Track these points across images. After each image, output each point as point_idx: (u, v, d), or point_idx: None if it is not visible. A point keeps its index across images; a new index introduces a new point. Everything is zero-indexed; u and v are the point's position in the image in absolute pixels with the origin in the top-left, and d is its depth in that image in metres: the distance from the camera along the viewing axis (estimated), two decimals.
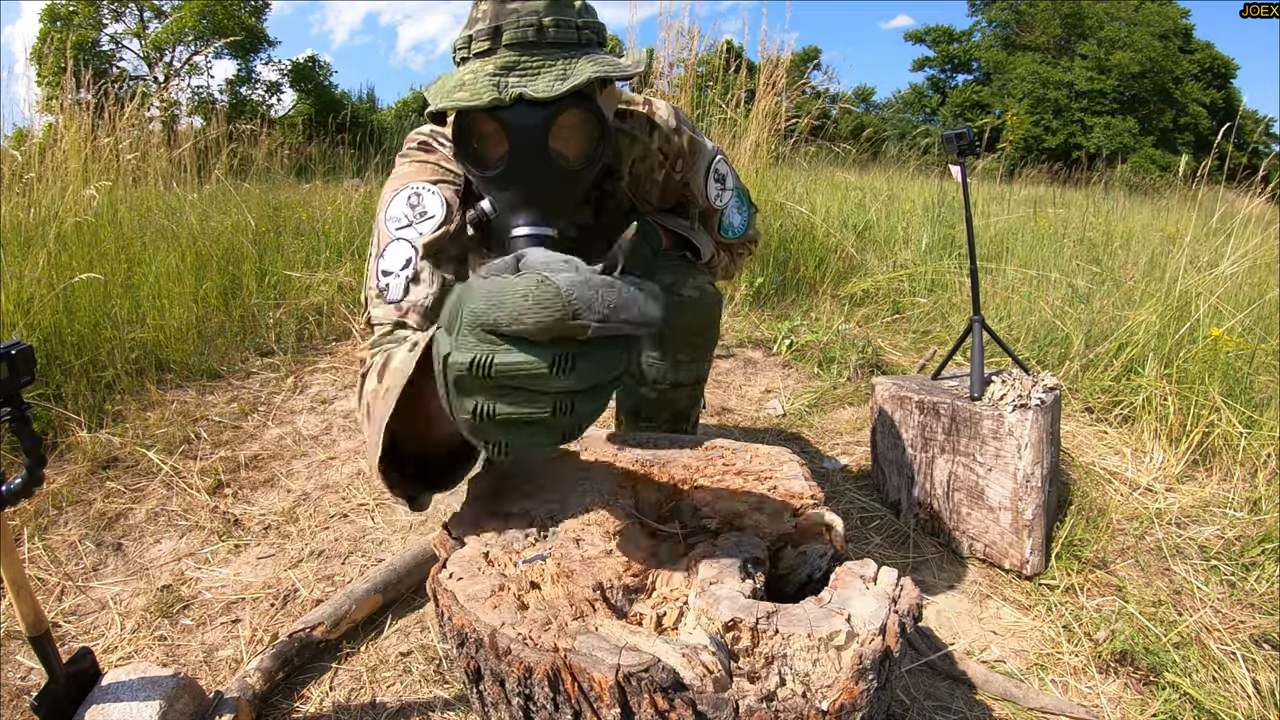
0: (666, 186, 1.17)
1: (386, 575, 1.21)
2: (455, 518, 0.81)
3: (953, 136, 1.55)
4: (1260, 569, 1.35)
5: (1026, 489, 1.33)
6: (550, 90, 0.78)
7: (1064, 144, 21.91)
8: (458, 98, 0.79)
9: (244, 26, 16.72)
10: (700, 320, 1.20)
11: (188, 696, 0.86)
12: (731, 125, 3.62)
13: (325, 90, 17.78)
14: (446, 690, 1.04)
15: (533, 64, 0.81)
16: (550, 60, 0.81)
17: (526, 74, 0.80)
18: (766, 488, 0.86)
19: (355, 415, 0.85)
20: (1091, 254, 3.56)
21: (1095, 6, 23.75)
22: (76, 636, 1.14)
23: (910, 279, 3.39)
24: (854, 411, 2.20)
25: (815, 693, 0.58)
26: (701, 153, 1.17)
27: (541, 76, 0.80)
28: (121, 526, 1.46)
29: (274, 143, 4.51)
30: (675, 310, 1.16)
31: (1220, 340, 1.92)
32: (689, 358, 1.23)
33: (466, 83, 0.81)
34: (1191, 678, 1.08)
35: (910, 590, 0.67)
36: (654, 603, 0.68)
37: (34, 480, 0.74)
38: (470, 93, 0.79)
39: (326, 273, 3.15)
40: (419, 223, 0.95)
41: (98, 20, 15.67)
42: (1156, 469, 1.78)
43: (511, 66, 0.81)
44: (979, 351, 1.47)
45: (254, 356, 2.48)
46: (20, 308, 1.97)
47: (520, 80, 0.80)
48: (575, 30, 0.83)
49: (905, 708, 1.03)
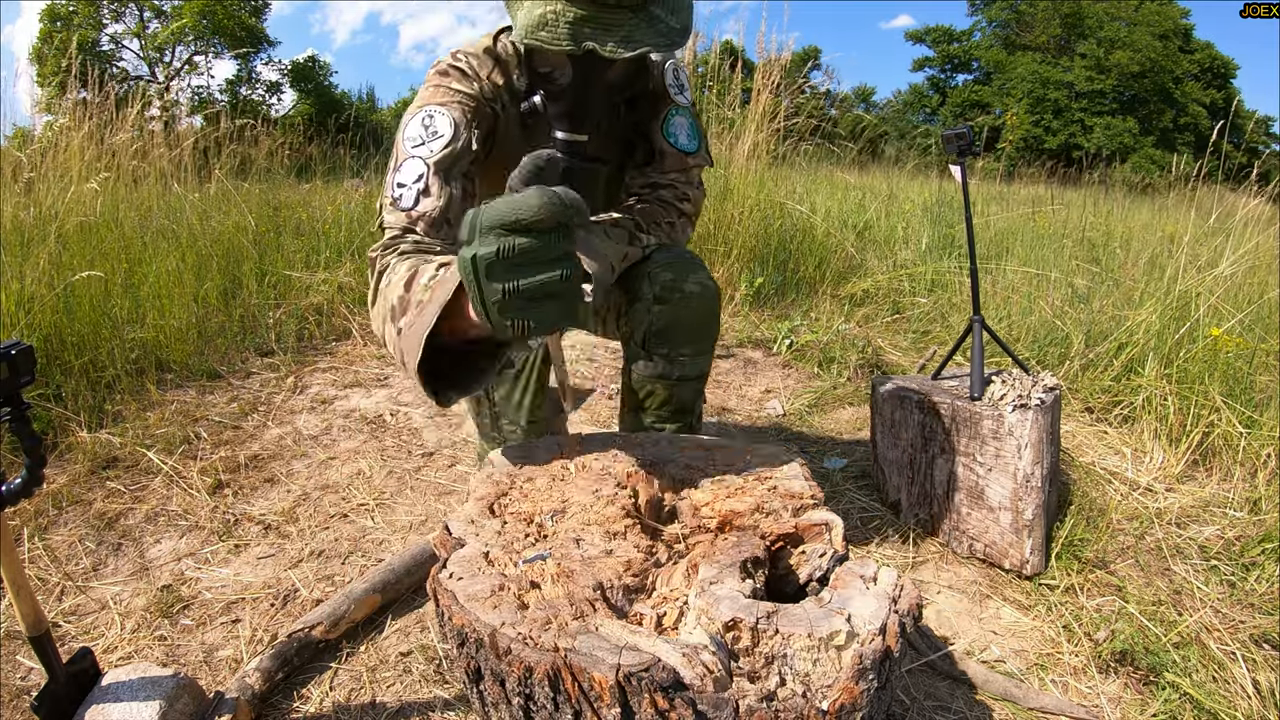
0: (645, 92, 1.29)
1: (386, 575, 1.21)
2: (456, 517, 0.81)
3: (953, 136, 1.55)
4: (1260, 569, 1.35)
5: (1026, 489, 1.33)
6: (615, 52, 0.94)
7: (1064, 144, 21.90)
8: (541, 36, 0.94)
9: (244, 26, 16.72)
10: (702, 315, 1.24)
11: (188, 696, 0.86)
12: (730, 125, 3.63)
13: (325, 90, 17.78)
14: (446, 690, 1.04)
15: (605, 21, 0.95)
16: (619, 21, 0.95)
17: (599, 29, 0.94)
18: (766, 488, 0.86)
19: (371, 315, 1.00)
20: (1091, 254, 3.56)
21: (1095, 6, 23.75)
22: (76, 636, 1.14)
23: (910, 279, 3.39)
24: (854, 411, 2.20)
25: (815, 692, 0.58)
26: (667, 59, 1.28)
27: (611, 35, 0.94)
28: (121, 526, 1.46)
29: (274, 143, 4.50)
30: (678, 305, 1.21)
31: (1220, 340, 1.92)
32: (693, 351, 1.26)
33: (549, 23, 0.95)
34: (1191, 678, 1.08)
35: (910, 590, 0.67)
36: (654, 603, 0.68)
37: (34, 480, 0.74)
38: (551, 35, 0.94)
39: (326, 273, 3.15)
40: (430, 141, 1.08)
41: (98, 20, 15.66)
42: (1156, 469, 1.78)
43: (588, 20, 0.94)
44: (979, 351, 1.47)
45: (254, 356, 2.48)
46: (21, 307, 1.97)
47: (593, 34, 0.94)
48: None
49: (905, 708, 1.03)
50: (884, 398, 1.55)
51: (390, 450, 1.85)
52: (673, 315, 1.21)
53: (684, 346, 1.25)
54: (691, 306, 1.22)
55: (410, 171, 1.07)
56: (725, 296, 3.26)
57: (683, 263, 1.23)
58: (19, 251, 2.20)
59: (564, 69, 1.06)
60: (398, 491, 1.64)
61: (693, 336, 1.25)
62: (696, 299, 1.22)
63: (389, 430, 1.98)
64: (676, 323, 1.22)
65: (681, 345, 1.25)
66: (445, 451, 1.86)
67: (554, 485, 0.88)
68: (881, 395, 1.56)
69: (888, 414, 1.55)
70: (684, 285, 1.21)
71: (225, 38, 16.74)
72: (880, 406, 1.57)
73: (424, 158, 1.07)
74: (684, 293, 1.21)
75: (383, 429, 1.98)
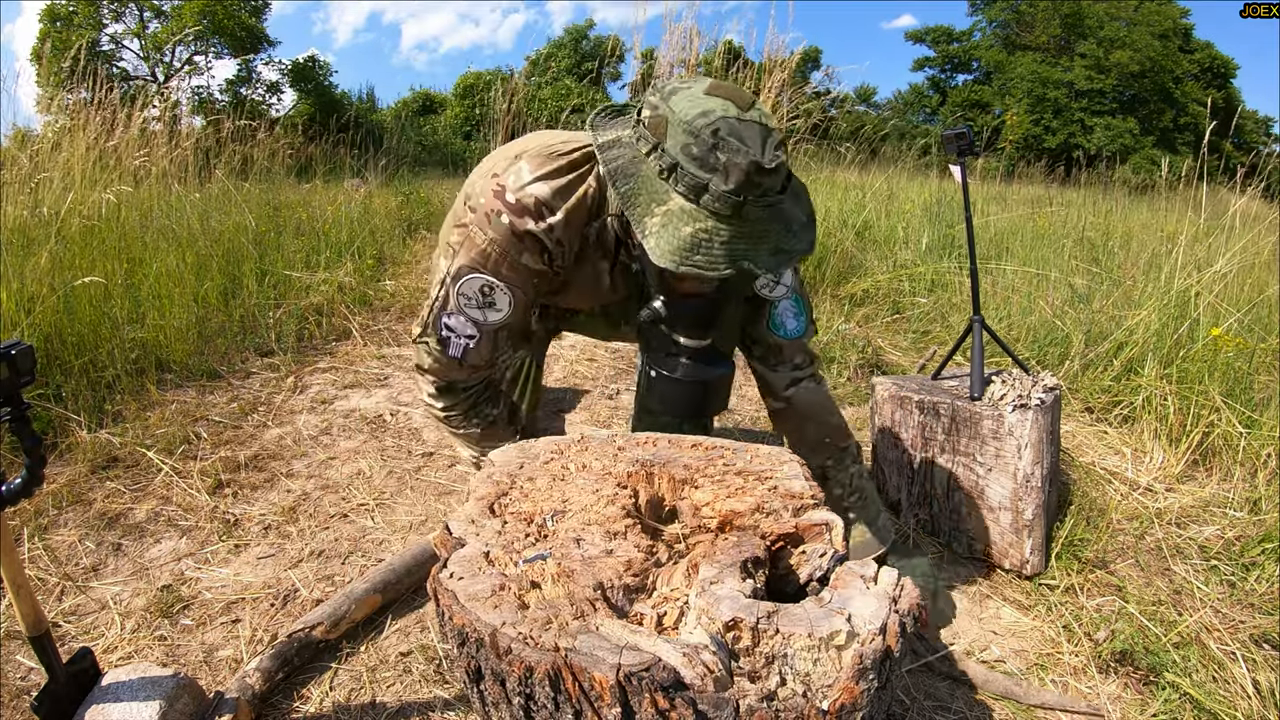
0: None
1: (386, 575, 1.21)
2: (456, 517, 0.81)
3: (952, 136, 1.55)
4: (1260, 569, 1.35)
5: (1026, 489, 1.33)
6: (770, 268, 0.89)
7: (1064, 144, 21.89)
8: (697, 262, 0.87)
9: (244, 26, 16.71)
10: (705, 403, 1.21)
11: (188, 696, 0.86)
12: None
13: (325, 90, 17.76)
14: (446, 690, 1.04)
15: (756, 233, 0.88)
16: (770, 230, 0.89)
17: (750, 244, 0.88)
18: (767, 488, 0.86)
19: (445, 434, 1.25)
20: (1091, 254, 3.56)
21: (1095, 6, 23.73)
22: (76, 636, 1.14)
23: (910, 279, 3.39)
24: (854, 411, 2.20)
25: (816, 692, 0.58)
26: None
27: (761, 247, 0.88)
28: (121, 526, 1.46)
29: (275, 142, 4.51)
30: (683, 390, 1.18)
31: (1220, 340, 1.92)
32: (693, 426, 1.24)
33: (702, 245, 0.87)
34: (1191, 678, 1.08)
35: (910, 590, 0.67)
36: (654, 602, 0.68)
37: (34, 480, 0.74)
38: (708, 260, 0.86)
39: (326, 273, 3.15)
40: (488, 310, 1.07)
41: (98, 20, 15.65)
42: (1156, 469, 1.78)
43: (740, 236, 0.87)
44: (979, 351, 1.47)
45: (254, 356, 2.47)
46: (22, 307, 1.97)
47: (747, 251, 0.87)
48: (784, 185, 0.91)
49: (905, 708, 1.03)
50: (884, 398, 1.55)
51: (390, 450, 1.85)
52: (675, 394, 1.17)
53: (685, 422, 1.22)
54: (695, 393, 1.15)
55: (463, 326, 1.08)
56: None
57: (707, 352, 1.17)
58: (20, 251, 2.20)
59: (710, 284, 1.00)
60: (398, 491, 1.64)
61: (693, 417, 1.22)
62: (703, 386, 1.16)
63: (389, 430, 1.98)
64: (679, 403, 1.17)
65: (684, 421, 1.22)
66: (445, 451, 1.86)
67: (554, 485, 0.88)
68: (881, 395, 1.56)
69: (888, 414, 1.55)
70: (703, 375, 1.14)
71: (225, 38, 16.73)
72: (880, 406, 1.57)
73: (479, 322, 1.08)
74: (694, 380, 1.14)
75: (383, 429, 1.98)
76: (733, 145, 0.85)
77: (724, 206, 0.86)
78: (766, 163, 0.85)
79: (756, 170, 0.84)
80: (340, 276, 3.11)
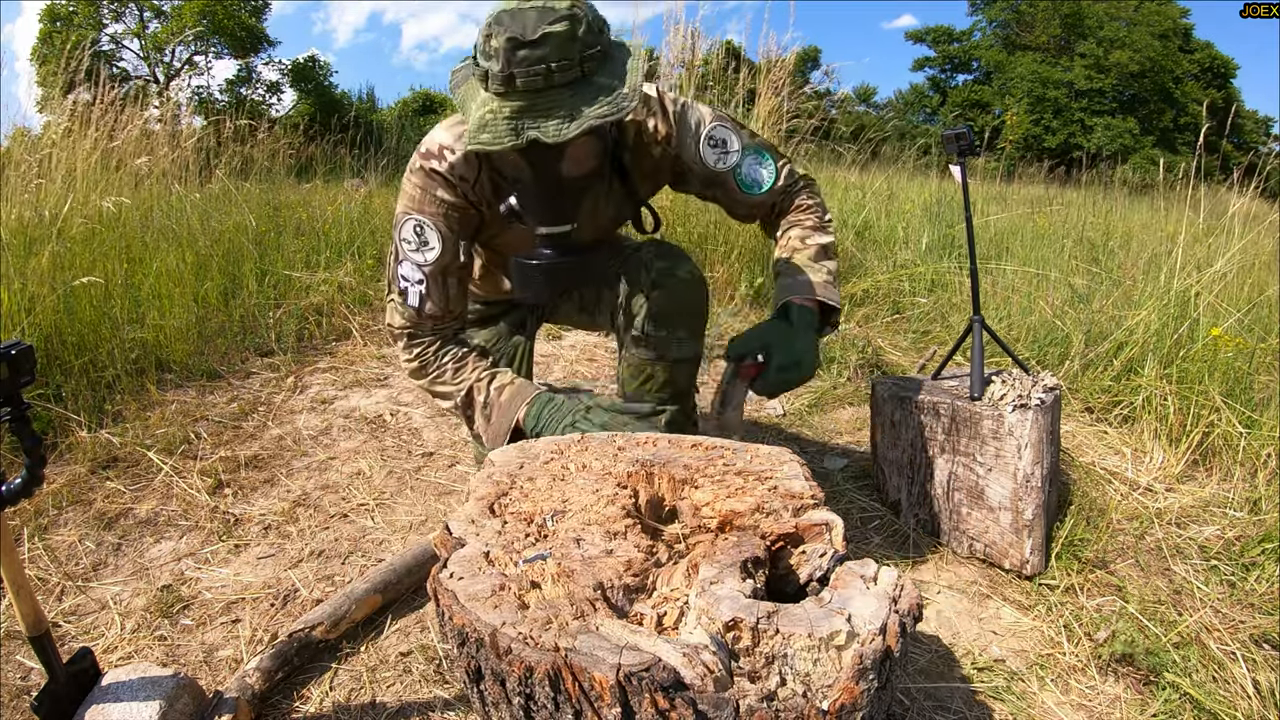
0: (661, 163, 1.29)
1: (386, 575, 1.21)
2: (456, 517, 0.81)
3: (952, 137, 1.55)
4: (1260, 569, 1.35)
5: (1026, 489, 1.33)
6: (558, 135, 0.93)
7: (1064, 144, 21.89)
8: (483, 139, 0.95)
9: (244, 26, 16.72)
10: (695, 298, 1.35)
11: (188, 696, 0.86)
12: None
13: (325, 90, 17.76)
14: (446, 690, 1.04)
15: (543, 105, 0.94)
16: (559, 101, 0.94)
17: (538, 117, 0.94)
18: (767, 488, 0.86)
19: (419, 386, 1.29)
20: (1091, 254, 3.56)
21: (1095, 6, 23.73)
22: (76, 636, 1.14)
23: (910, 279, 3.38)
24: (854, 411, 2.20)
25: (816, 692, 0.58)
26: (686, 126, 1.26)
27: (551, 118, 0.93)
28: (121, 526, 1.46)
29: (275, 142, 4.51)
30: (673, 290, 1.32)
31: (1220, 340, 1.92)
32: (688, 334, 1.35)
33: (488, 124, 0.95)
34: (1191, 678, 1.08)
35: (910, 590, 0.67)
36: (654, 602, 0.68)
37: (34, 480, 0.74)
38: (492, 135, 0.94)
39: (326, 273, 3.15)
40: (424, 251, 1.19)
41: (98, 20, 15.66)
42: (1156, 469, 1.78)
43: (525, 109, 0.94)
44: (979, 351, 1.47)
45: (254, 356, 2.48)
46: (22, 307, 1.97)
47: (534, 123, 0.93)
48: (579, 66, 0.95)
49: (905, 708, 1.03)
50: (884, 398, 1.55)
51: (390, 450, 1.85)
52: (668, 298, 1.31)
53: (679, 329, 1.34)
54: (685, 290, 1.33)
55: (411, 271, 1.20)
56: (725, 296, 3.26)
57: (674, 253, 1.35)
58: (21, 251, 2.20)
59: (521, 167, 1.04)
60: (398, 491, 1.64)
61: (687, 319, 1.35)
62: (689, 284, 1.33)
63: (389, 430, 1.98)
64: (671, 305, 1.32)
65: (677, 328, 1.34)
66: (445, 451, 1.86)
67: (554, 485, 0.88)
68: (881, 395, 1.56)
69: (888, 414, 1.55)
70: (677, 271, 1.32)
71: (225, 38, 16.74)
72: (880, 406, 1.57)
73: (419, 264, 1.20)
74: (678, 278, 1.32)
75: (383, 429, 1.98)
76: (500, 29, 0.92)
77: (498, 84, 0.94)
78: (527, 35, 0.91)
79: (516, 45, 0.91)
80: (340, 276, 3.11)
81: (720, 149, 1.26)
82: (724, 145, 1.27)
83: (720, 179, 1.29)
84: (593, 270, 1.19)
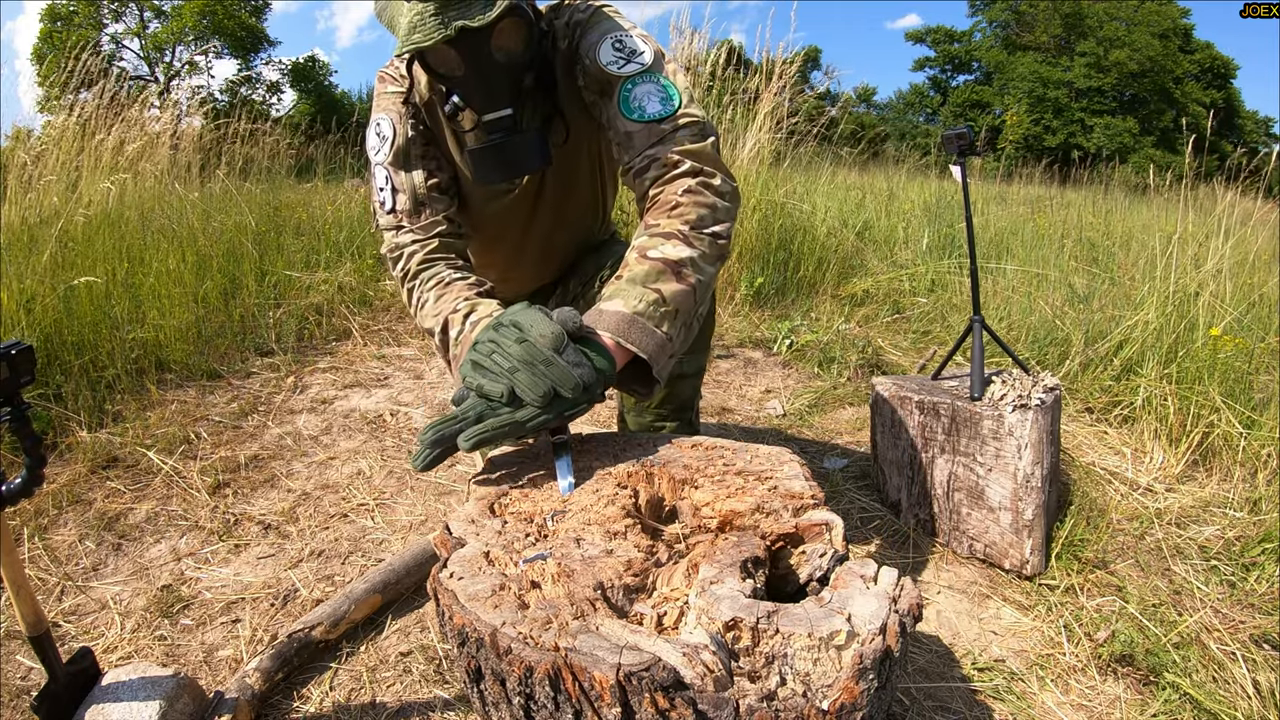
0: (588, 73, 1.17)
1: (386, 575, 1.21)
2: (456, 517, 0.81)
3: (953, 136, 1.55)
4: (1260, 569, 1.35)
5: (1026, 489, 1.33)
6: (484, 18, 0.97)
7: (1064, 144, 21.89)
8: (415, 39, 0.98)
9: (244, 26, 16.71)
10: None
11: (188, 696, 0.86)
12: (732, 126, 3.63)
13: (325, 90, 17.77)
14: (446, 690, 1.04)
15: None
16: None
17: (463, 6, 0.97)
18: (767, 488, 0.86)
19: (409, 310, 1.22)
20: (1090, 254, 3.56)
21: (1095, 6, 23.73)
22: (76, 636, 1.14)
23: (910, 279, 3.39)
24: (854, 411, 2.20)
25: (816, 692, 0.58)
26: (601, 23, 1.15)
27: (474, 5, 0.98)
28: (121, 526, 1.46)
29: (275, 142, 4.51)
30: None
31: (1219, 340, 1.92)
32: (691, 348, 1.29)
33: (416, 24, 0.98)
34: (1191, 678, 1.08)
35: (910, 590, 0.67)
36: (654, 602, 0.68)
37: (34, 480, 0.74)
38: (424, 34, 0.98)
39: (326, 273, 3.15)
40: (383, 146, 1.21)
41: (98, 20, 15.67)
42: (1156, 469, 1.78)
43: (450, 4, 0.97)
44: (979, 351, 1.47)
45: (254, 356, 2.48)
46: (22, 307, 1.97)
47: (458, 13, 0.97)
48: None
49: (905, 708, 1.03)
50: (884, 398, 1.55)
51: (390, 450, 1.85)
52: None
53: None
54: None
55: (380, 177, 1.22)
56: (725, 296, 3.26)
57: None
58: (21, 251, 2.20)
59: (456, 63, 1.06)
60: (398, 491, 1.64)
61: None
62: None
63: (389, 430, 1.98)
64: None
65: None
66: None
67: (554, 485, 0.88)
68: (881, 395, 1.56)
69: (888, 414, 1.55)
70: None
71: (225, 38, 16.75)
72: (880, 407, 1.57)
73: (382, 162, 1.21)
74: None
75: (383, 429, 1.98)
76: None
77: None
78: None
79: None
80: (340, 276, 3.11)
81: (621, 52, 1.11)
82: (629, 53, 1.11)
83: (608, 84, 1.10)
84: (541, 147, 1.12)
